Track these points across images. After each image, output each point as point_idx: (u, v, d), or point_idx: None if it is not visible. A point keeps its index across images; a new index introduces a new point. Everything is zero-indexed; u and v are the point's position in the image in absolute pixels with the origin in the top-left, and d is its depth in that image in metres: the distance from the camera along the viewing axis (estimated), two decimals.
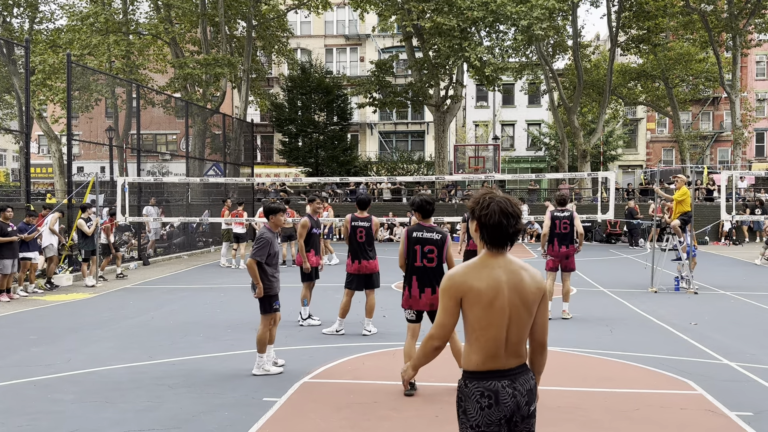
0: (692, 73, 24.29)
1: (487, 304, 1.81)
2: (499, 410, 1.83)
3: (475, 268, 1.85)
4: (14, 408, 3.83)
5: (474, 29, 18.41)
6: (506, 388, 1.85)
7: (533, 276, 1.87)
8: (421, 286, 4.11)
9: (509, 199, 1.87)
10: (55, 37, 21.26)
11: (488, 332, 1.84)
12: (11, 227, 8.14)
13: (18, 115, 22.67)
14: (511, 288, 1.83)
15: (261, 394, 4.06)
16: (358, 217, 5.77)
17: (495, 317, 1.82)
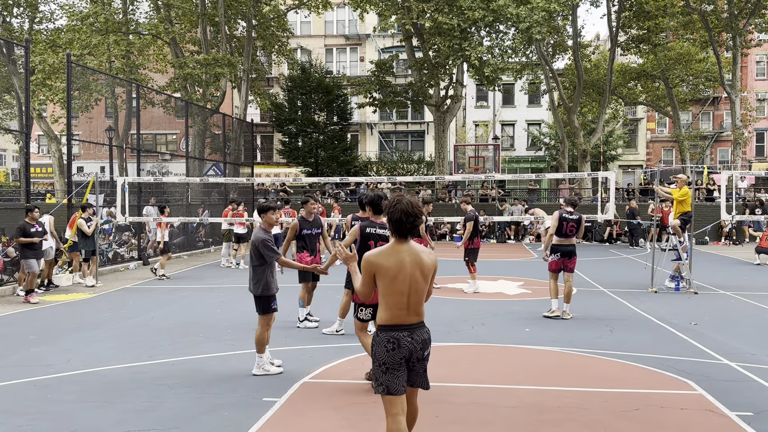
0: (692, 73, 24.28)
1: (392, 277, 2.54)
2: (400, 352, 2.57)
3: (385, 251, 2.59)
4: (14, 408, 3.83)
5: (474, 29, 18.41)
6: (406, 337, 2.58)
7: (429, 256, 2.63)
8: None
9: (413, 202, 2.57)
10: (55, 37, 21.26)
11: (394, 297, 2.56)
12: (36, 228, 8.10)
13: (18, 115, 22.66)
14: (412, 265, 2.57)
15: (261, 394, 4.06)
16: (360, 218, 5.77)
17: (399, 286, 2.55)
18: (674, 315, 6.86)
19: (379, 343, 2.58)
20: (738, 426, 3.51)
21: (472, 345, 5.47)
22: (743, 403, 3.87)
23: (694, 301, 7.85)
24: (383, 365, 2.57)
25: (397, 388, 2.56)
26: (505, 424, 3.54)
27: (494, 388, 4.20)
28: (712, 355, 5.13)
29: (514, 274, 10.08)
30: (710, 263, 11.96)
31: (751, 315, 6.97)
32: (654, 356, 5.06)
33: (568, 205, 6.79)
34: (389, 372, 2.55)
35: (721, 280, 9.59)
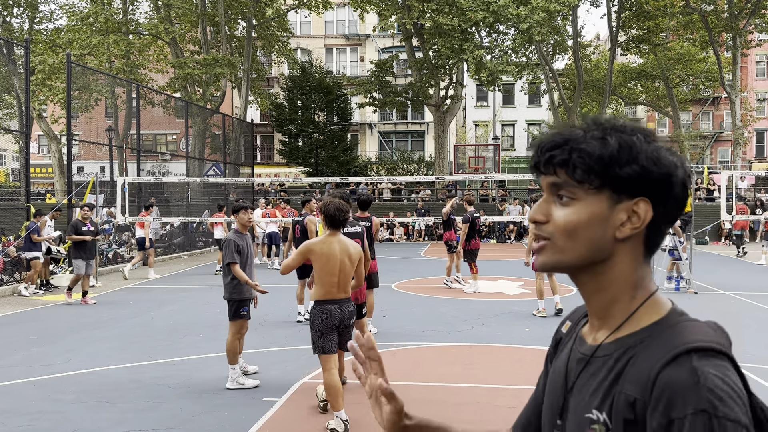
0: (692, 73, 24.27)
1: (325, 261, 3.32)
2: (332, 320, 3.35)
3: (321, 240, 3.42)
4: (14, 408, 3.83)
5: (474, 29, 18.41)
6: (336, 309, 3.36)
7: (355, 247, 3.46)
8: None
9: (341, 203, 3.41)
10: (55, 37, 21.25)
11: (327, 278, 3.34)
12: (88, 226, 7.95)
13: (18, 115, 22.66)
14: (341, 252, 3.36)
15: (261, 394, 4.06)
16: (359, 217, 5.78)
17: (330, 268, 3.32)
18: None
19: (316, 314, 3.37)
20: None
21: (472, 345, 5.47)
22: None
23: (694, 301, 7.85)
24: (319, 331, 3.36)
25: (330, 348, 3.37)
26: (505, 424, 3.52)
27: (494, 388, 4.20)
28: None
29: (514, 274, 10.07)
30: (710, 263, 11.95)
31: (751, 315, 6.97)
32: None
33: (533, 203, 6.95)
34: (324, 336, 3.36)
35: (722, 280, 9.58)
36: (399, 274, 10.06)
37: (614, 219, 0.66)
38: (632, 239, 0.67)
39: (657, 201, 0.66)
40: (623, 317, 0.68)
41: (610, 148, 0.65)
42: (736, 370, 0.62)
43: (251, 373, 4.41)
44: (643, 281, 0.69)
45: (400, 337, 5.75)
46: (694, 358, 0.60)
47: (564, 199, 0.67)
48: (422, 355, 5.16)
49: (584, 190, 0.66)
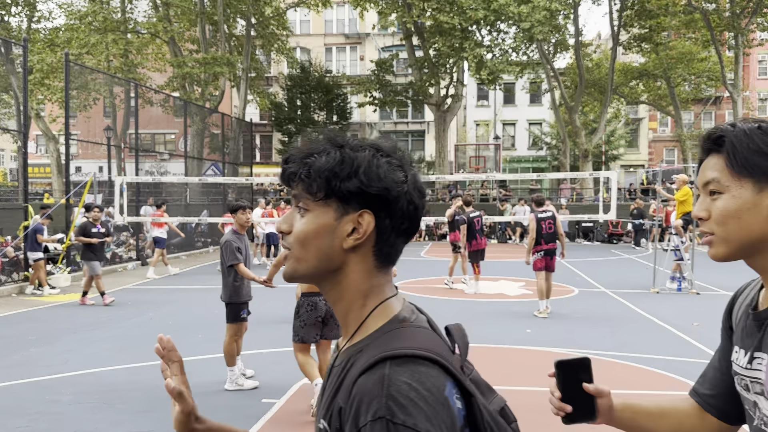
0: (694, 72, 24.22)
1: None
2: (317, 313, 3.58)
3: None
4: (13, 409, 3.80)
5: (475, 28, 18.36)
6: (321, 301, 3.56)
7: None
8: None
9: None
10: (53, 36, 21.20)
11: None
12: (97, 228, 7.84)
13: (16, 114, 22.62)
14: None
15: (261, 395, 4.03)
16: None
17: None
18: (676, 315, 6.82)
19: (303, 306, 3.62)
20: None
21: (472, 346, 5.38)
22: None
23: (697, 301, 7.81)
24: (303, 322, 3.61)
25: (308, 339, 3.65)
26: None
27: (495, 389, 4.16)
28: None
29: (515, 274, 10.04)
30: (712, 263, 11.87)
31: None
32: (656, 357, 5.02)
33: (537, 204, 6.95)
34: (306, 327, 3.61)
35: (724, 280, 9.55)
36: (399, 274, 10.01)
37: (341, 230, 0.70)
38: (361, 249, 0.70)
39: (380, 214, 0.70)
40: (356, 325, 0.71)
41: (331, 163, 0.69)
42: (452, 376, 0.63)
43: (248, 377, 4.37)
44: (376, 289, 0.72)
45: None
46: (388, 366, 0.62)
47: (301, 211, 0.71)
48: None
49: (314, 202, 0.70)
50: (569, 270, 10.67)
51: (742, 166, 0.77)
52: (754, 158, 0.77)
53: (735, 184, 0.79)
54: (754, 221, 0.78)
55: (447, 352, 0.67)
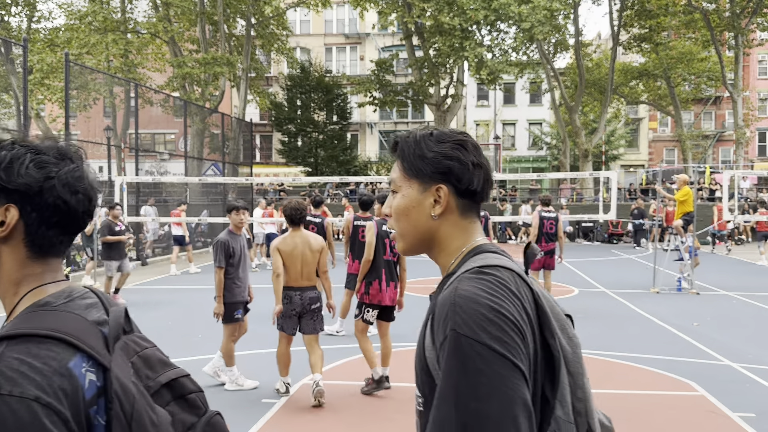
0: (694, 72, 24.20)
1: (289, 254, 3.89)
2: (292, 306, 3.93)
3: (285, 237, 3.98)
4: None
5: (475, 28, 18.35)
6: (297, 295, 3.93)
7: (316, 239, 4.00)
8: (387, 280, 4.08)
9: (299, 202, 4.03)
10: (53, 36, 21.21)
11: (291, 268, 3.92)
12: (120, 226, 7.75)
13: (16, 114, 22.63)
14: (303, 245, 3.93)
15: (260, 395, 4.03)
16: (361, 217, 5.79)
17: (294, 261, 3.90)
18: (676, 315, 6.81)
19: (283, 299, 3.97)
20: (740, 427, 3.47)
21: None
22: (745, 404, 3.83)
23: (696, 301, 7.80)
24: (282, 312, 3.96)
25: (288, 329, 3.98)
26: None
27: None
28: (714, 356, 5.08)
29: None
30: (712, 263, 11.90)
31: (752, 315, 6.92)
32: (655, 357, 5.01)
33: (543, 204, 7.10)
34: (285, 317, 3.96)
35: (723, 280, 9.54)
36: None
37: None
38: (11, 241, 0.75)
39: (26, 207, 0.75)
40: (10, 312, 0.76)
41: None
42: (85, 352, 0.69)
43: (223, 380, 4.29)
44: (30, 278, 0.76)
45: (400, 337, 5.71)
46: (4, 345, 0.67)
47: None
48: None
49: None
50: (569, 270, 10.66)
51: (409, 169, 0.88)
52: (418, 162, 0.87)
53: (405, 185, 0.88)
54: (420, 218, 0.86)
55: (86, 333, 0.72)
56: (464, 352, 0.71)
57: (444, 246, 0.87)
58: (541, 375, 0.76)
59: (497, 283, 0.77)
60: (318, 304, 3.96)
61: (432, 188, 0.86)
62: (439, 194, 0.86)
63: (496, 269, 0.80)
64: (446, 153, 0.85)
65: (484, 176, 0.87)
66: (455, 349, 0.72)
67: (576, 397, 0.79)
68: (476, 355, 0.71)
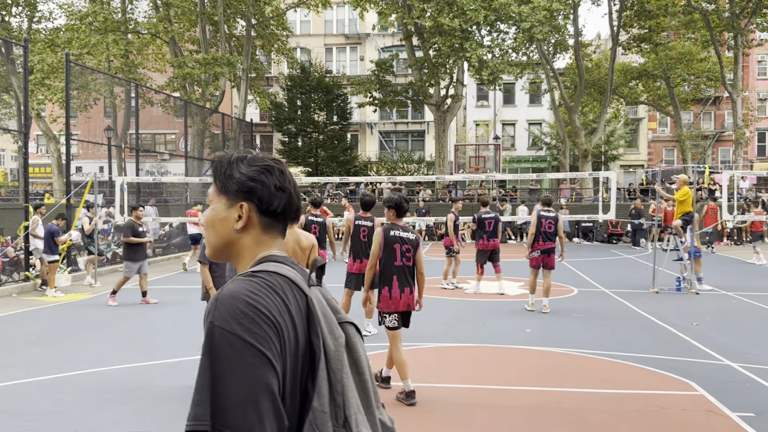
0: (694, 72, 24.24)
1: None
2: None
3: None
4: (14, 408, 3.81)
5: (475, 28, 18.37)
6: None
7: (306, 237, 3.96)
8: (401, 286, 3.99)
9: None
10: (54, 36, 21.21)
11: None
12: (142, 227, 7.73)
13: (16, 114, 22.63)
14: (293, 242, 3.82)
15: None
16: (362, 217, 5.83)
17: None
18: (675, 315, 6.83)
19: None
20: (739, 427, 3.49)
21: (472, 346, 5.45)
22: (745, 404, 3.85)
23: (696, 301, 7.83)
24: None
25: None
26: (506, 424, 3.52)
27: (495, 389, 4.18)
28: (714, 355, 5.11)
29: (514, 274, 10.05)
30: (712, 263, 11.93)
31: (752, 315, 6.95)
32: (655, 357, 5.03)
33: (543, 204, 7.12)
34: None
35: (723, 280, 9.56)
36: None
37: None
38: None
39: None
40: None
41: None
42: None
43: None
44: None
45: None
46: None
47: None
48: (422, 355, 5.13)
49: None
50: (569, 270, 10.68)
51: (220, 186, 1.01)
52: (226, 181, 1.00)
53: (216, 200, 1.01)
54: (224, 230, 0.99)
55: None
56: (217, 341, 0.84)
57: (243, 256, 1.00)
58: (304, 369, 0.88)
59: (262, 284, 0.88)
60: None
61: (237, 205, 0.99)
62: (242, 211, 0.98)
63: (267, 273, 0.91)
64: (251, 176, 0.98)
65: (287, 199, 1.00)
66: (210, 338, 0.85)
67: (335, 390, 0.89)
68: (227, 343, 0.83)
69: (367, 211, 5.84)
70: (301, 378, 0.88)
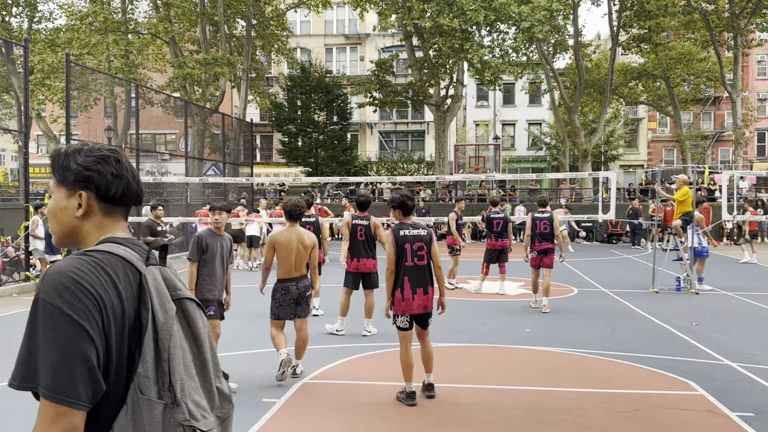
0: (693, 72, 24.25)
1: (285, 246, 4.29)
2: (290, 295, 4.34)
3: (282, 231, 4.38)
4: (14, 408, 3.82)
5: (475, 29, 18.37)
6: (293, 286, 4.34)
7: (309, 236, 4.37)
8: (413, 287, 3.88)
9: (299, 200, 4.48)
10: (54, 36, 21.23)
11: (285, 261, 4.31)
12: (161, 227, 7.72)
13: (17, 114, 22.64)
14: (297, 240, 4.30)
15: (261, 395, 4.05)
16: (358, 216, 5.84)
17: (288, 254, 4.29)
18: (675, 315, 6.84)
19: (277, 290, 4.37)
20: (739, 426, 3.49)
21: (472, 345, 5.45)
22: (744, 404, 3.85)
23: (695, 301, 7.83)
24: (278, 302, 4.35)
25: (284, 316, 4.37)
26: (505, 424, 3.53)
27: (494, 389, 4.18)
28: (713, 355, 5.11)
29: (514, 274, 10.06)
30: (711, 263, 11.93)
31: (752, 315, 6.95)
32: (655, 357, 5.04)
33: (539, 204, 7.26)
34: (281, 307, 4.35)
35: (722, 280, 9.57)
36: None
37: None
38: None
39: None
40: None
41: None
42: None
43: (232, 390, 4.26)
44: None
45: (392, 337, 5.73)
46: None
47: None
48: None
49: None
50: (569, 270, 10.69)
51: (59, 178, 1.07)
52: (64, 173, 1.06)
53: (56, 191, 1.08)
54: (65, 218, 1.07)
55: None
56: (40, 312, 0.94)
57: (87, 241, 1.08)
58: (132, 339, 0.98)
59: (90, 262, 0.98)
60: (310, 290, 4.45)
61: (76, 194, 1.06)
62: (81, 199, 1.06)
63: (99, 252, 1.00)
64: (88, 165, 1.05)
65: (124, 186, 1.08)
66: (34, 309, 0.96)
67: (162, 358, 0.98)
68: (48, 315, 0.93)
69: (363, 211, 5.87)
70: (129, 346, 0.98)
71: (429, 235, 3.99)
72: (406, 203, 4.05)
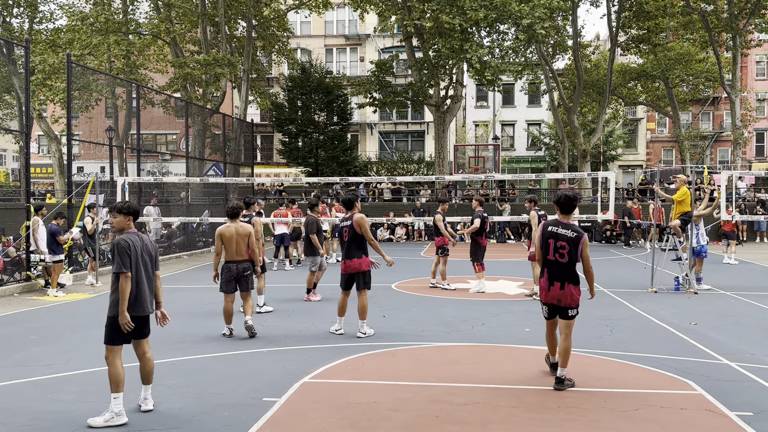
0: (692, 73, 24.29)
1: (228, 238, 5.73)
2: (230, 273, 5.81)
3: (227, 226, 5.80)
4: (14, 408, 3.83)
5: (475, 29, 18.40)
6: (233, 266, 5.79)
7: (243, 227, 5.79)
8: (551, 279, 4.22)
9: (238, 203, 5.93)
10: (55, 37, 21.25)
11: (228, 247, 5.75)
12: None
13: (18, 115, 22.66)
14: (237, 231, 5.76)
15: (261, 394, 4.06)
16: (344, 218, 5.88)
17: (231, 242, 5.74)
18: (674, 315, 6.86)
19: (223, 270, 5.77)
20: (738, 426, 3.50)
21: (472, 345, 5.47)
22: (743, 403, 3.87)
23: (694, 301, 7.85)
24: (223, 279, 5.76)
25: (228, 290, 5.78)
26: (505, 424, 3.54)
27: (494, 388, 4.20)
28: (712, 355, 5.13)
29: (514, 274, 10.08)
30: (710, 263, 11.95)
31: (751, 315, 6.97)
32: (654, 356, 5.06)
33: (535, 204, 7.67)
34: (226, 283, 5.77)
35: (721, 280, 9.58)
36: (399, 274, 10.06)
37: None
38: None
39: None
40: None
41: None
42: None
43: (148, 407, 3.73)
44: None
45: (400, 337, 5.76)
46: None
47: None
48: (422, 355, 5.16)
49: None
50: None
51: None
52: None
53: None
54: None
55: None
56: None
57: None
58: None
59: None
60: (249, 271, 5.77)
61: None
62: None
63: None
64: None
65: None
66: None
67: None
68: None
69: (349, 209, 5.87)
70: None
71: (577, 237, 4.20)
72: (561, 201, 4.34)
